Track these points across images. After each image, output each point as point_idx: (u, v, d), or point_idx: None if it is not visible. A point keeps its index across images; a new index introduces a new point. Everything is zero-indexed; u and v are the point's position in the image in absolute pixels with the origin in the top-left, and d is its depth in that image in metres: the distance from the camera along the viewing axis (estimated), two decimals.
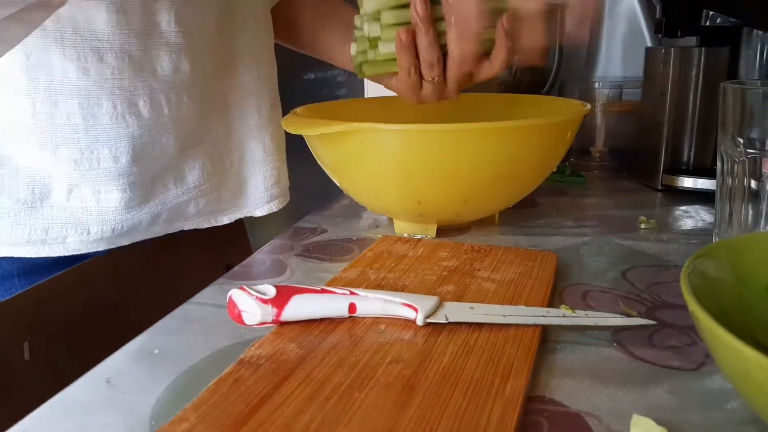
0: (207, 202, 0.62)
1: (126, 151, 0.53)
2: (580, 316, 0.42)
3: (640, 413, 0.32)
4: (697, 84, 0.75)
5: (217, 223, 0.65)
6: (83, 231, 0.54)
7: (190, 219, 0.62)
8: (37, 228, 0.52)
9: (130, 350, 0.41)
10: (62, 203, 0.53)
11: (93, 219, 0.54)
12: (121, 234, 0.56)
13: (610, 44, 0.99)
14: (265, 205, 0.68)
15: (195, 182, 0.60)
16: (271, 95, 0.67)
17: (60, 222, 0.53)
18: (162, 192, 0.58)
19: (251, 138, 0.65)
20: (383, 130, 0.53)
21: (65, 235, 0.53)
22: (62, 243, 0.54)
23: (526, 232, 0.64)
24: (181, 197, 0.59)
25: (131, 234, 0.57)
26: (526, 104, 0.74)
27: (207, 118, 0.60)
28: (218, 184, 0.63)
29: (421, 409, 0.31)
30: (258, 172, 0.66)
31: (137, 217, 0.56)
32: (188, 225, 0.63)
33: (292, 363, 0.36)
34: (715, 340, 0.29)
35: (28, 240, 0.52)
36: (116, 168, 0.53)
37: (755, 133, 0.50)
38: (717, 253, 0.37)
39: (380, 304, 0.41)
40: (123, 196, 0.54)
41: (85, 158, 0.52)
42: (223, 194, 0.64)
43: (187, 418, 0.31)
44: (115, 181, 0.53)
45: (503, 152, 0.55)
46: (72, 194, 0.53)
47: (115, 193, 0.54)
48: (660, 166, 0.78)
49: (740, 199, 0.52)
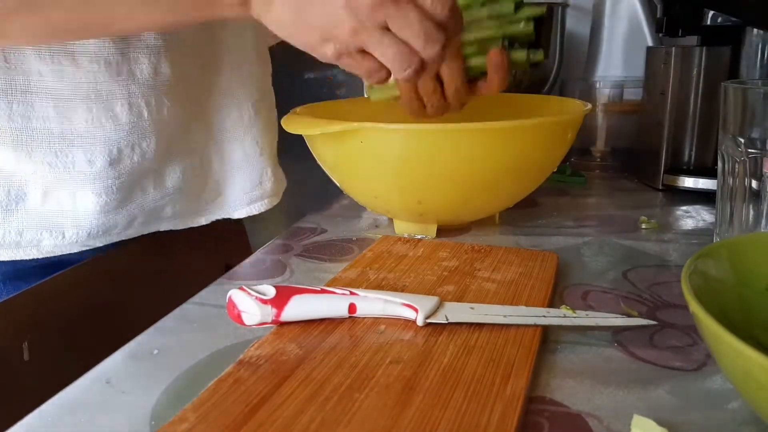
0: (184, 205, 0.62)
1: (102, 155, 0.52)
2: (581, 317, 0.42)
3: (641, 413, 0.32)
4: (698, 83, 0.75)
5: (194, 225, 0.64)
6: (58, 234, 0.53)
7: (166, 220, 0.62)
8: (11, 230, 0.52)
9: (130, 350, 0.41)
10: (37, 206, 0.52)
11: (68, 222, 0.53)
12: (96, 236, 0.56)
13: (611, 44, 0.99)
14: (244, 207, 0.67)
15: (174, 185, 0.59)
16: (257, 96, 0.66)
17: (35, 225, 0.52)
18: (140, 196, 0.57)
19: (232, 141, 0.64)
20: (383, 130, 0.53)
21: (39, 238, 0.53)
22: (36, 246, 0.53)
23: (526, 232, 0.64)
24: (159, 201, 0.59)
25: (105, 236, 0.57)
26: (527, 104, 0.74)
27: (188, 121, 0.60)
28: (197, 187, 0.62)
29: (422, 410, 0.31)
30: (237, 174, 0.65)
31: (113, 220, 0.56)
32: (164, 226, 0.62)
33: (292, 363, 0.36)
34: (715, 340, 0.29)
35: (2, 243, 0.52)
36: (91, 172, 0.52)
37: (756, 133, 0.50)
38: (718, 253, 0.37)
39: (380, 304, 0.41)
40: (99, 199, 0.53)
41: (59, 161, 0.51)
42: (201, 196, 0.63)
43: (187, 418, 0.31)
44: (90, 185, 0.53)
45: (503, 152, 0.55)
46: (47, 197, 0.52)
47: (91, 196, 0.53)
48: (661, 166, 0.78)
49: (741, 199, 0.52)
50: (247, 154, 0.65)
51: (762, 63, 0.72)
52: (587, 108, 0.61)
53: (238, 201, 0.66)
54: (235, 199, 0.66)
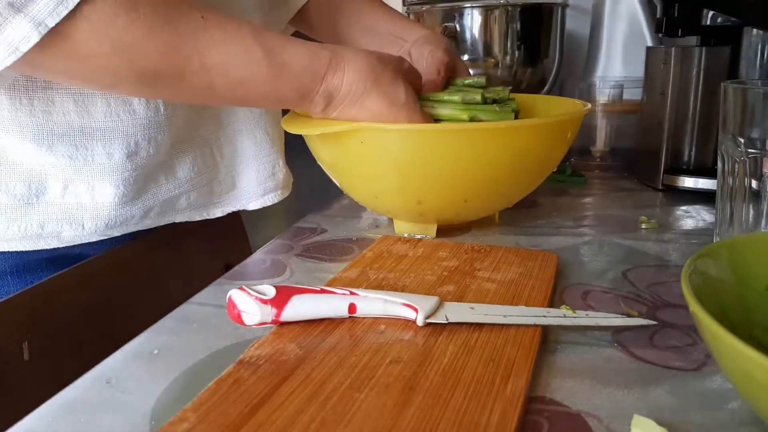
0: (198, 196, 0.63)
1: (120, 148, 0.53)
2: (581, 317, 0.42)
3: (641, 413, 0.32)
4: (698, 84, 0.75)
5: (210, 216, 0.65)
6: (78, 226, 0.55)
7: (181, 212, 0.63)
8: (33, 223, 0.53)
9: (130, 350, 0.41)
10: (57, 199, 0.53)
11: (87, 214, 0.55)
12: (113, 227, 0.57)
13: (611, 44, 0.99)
14: (258, 198, 0.68)
15: (186, 176, 0.61)
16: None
17: (55, 217, 0.54)
18: (154, 187, 0.58)
19: (243, 133, 0.65)
20: (383, 130, 0.53)
21: (60, 230, 0.54)
22: (57, 237, 0.55)
23: (526, 232, 0.64)
24: (173, 191, 0.60)
25: (123, 227, 0.58)
26: (527, 104, 0.74)
27: (199, 115, 0.61)
28: (209, 178, 0.63)
29: (421, 410, 0.31)
30: (250, 166, 0.66)
31: (130, 211, 0.57)
32: (180, 218, 0.63)
33: (292, 363, 0.36)
34: (715, 340, 0.29)
35: (24, 235, 0.53)
36: (110, 164, 0.53)
37: (756, 133, 0.50)
38: (718, 253, 0.37)
39: (380, 304, 0.41)
40: (117, 191, 0.55)
41: (80, 154, 0.52)
42: (215, 188, 0.64)
43: (187, 418, 0.31)
44: (109, 177, 0.54)
45: (503, 152, 0.55)
46: (67, 190, 0.54)
47: (109, 188, 0.54)
48: (661, 166, 0.78)
49: (741, 199, 0.52)
50: (259, 146, 0.66)
51: (762, 63, 0.72)
52: (587, 108, 0.61)
53: (252, 192, 0.67)
54: (250, 191, 0.67)
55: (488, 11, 0.92)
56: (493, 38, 0.93)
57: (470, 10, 0.92)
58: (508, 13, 0.92)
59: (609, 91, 0.92)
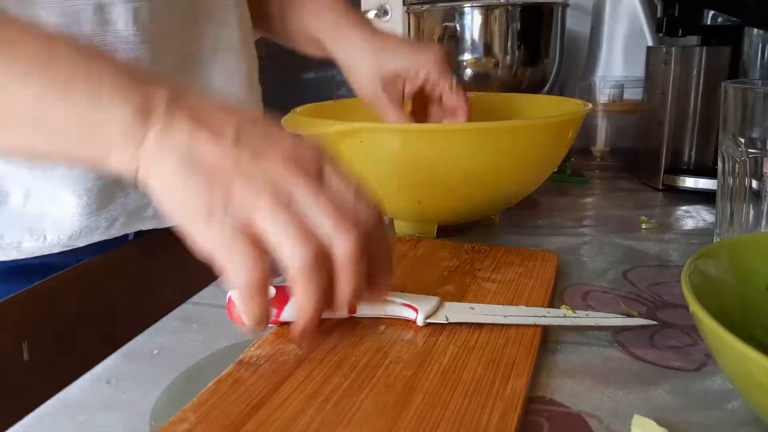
0: None
1: None
2: (581, 317, 0.42)
3: (641, 414, 0.32)
4: (699, 83, 0.75)
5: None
6: (39, 237, 0.53)
7: (148, 220, 0.60)
8: None
9: (130, 350, 0.41)
10: (19, 208, 0.52)
11: (49, 225, 0.53)
12: (77, 238, 0.55)
13: (611, 44, 0.99)
14: None
15: None
16: (242, 91, 0.63)
17: (16, 227, 0.52)
18: (121, 197, 0.56)
19: None
20: (383, 131, 0.53)
21: (20, 240, 0.52)
22: (17, 248, 0.53)
23: (526, 232, 0.64)
24: (141, 201, 0.58)
25: (87, 237, 0.56)
26: (527, 104, 0.74)
27: None
28: None
29: (421, 410, 0.31)
30: None
31: (95, 222, 0.55)
32: (146, 226, 0.61)
33: (292, 363, 0.36)
34: (716, 340, 0.29)
35: None
36: (71, 174, 0.51)
37: (756, 133, 0.50)
38: (718, 253, 0.37)
39: (380, 304, 0.41)
40: (80, 201, 0.52)
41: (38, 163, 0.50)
42: None
43: (187, 418, 0.31)
44: (70, 187, 0.52)
45: (503, 152, 0.55)
46: (29, 199, 0.51)
47: (72, 199, 0.52)
48: (661, 166, 0.78)
49: (741, 199, 0.52)
50: None
51: (762, 63, 0.72)
52: (587, 108, 0.61)
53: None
54: None
55: (488, 11, 0.92)
56: (494, 38, 0.93)
57: (470, 10, 0.92)
58: (509, 12, 0.91)
59: (609, 91, 0.92)
